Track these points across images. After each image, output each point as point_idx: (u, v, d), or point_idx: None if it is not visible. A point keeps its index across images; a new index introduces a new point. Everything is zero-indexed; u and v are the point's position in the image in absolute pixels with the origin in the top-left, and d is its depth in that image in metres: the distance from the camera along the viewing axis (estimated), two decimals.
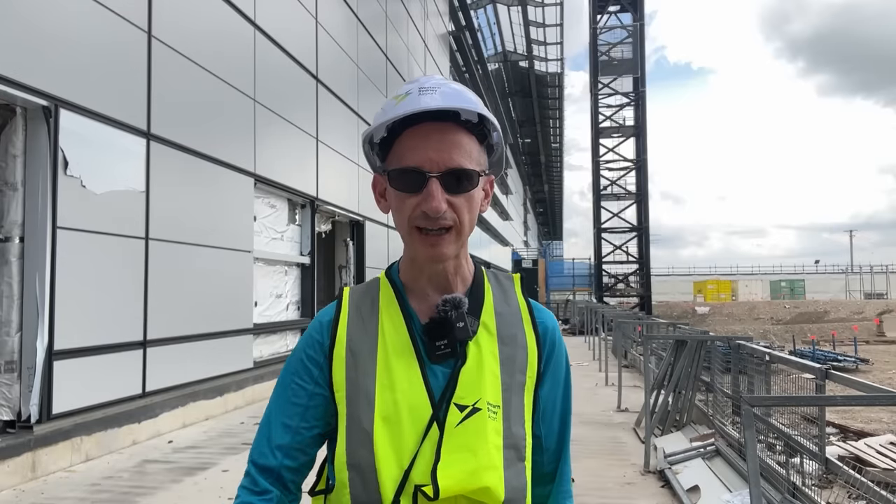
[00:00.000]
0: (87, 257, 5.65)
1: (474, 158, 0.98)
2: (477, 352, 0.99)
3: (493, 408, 0.96)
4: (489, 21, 33.03)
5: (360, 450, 0.94)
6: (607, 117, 34.01)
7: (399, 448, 0.93)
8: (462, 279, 1.05)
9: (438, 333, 0.98)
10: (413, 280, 1.05)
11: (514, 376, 1.00)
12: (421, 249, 0.98)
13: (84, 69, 5.68)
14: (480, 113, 0.96)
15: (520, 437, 0.98)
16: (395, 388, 0.96)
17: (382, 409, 0.95)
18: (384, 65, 15.44)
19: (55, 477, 5.05)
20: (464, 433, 0.94)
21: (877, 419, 9.31)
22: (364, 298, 1.06)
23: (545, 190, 69.66)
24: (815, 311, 40.55)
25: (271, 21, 9.34)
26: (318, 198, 10.92)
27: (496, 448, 0.94)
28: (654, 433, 5.97)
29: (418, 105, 0.93)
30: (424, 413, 0.95)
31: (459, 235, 0.98)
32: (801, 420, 4.36)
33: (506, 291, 1.08)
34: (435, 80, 0.98)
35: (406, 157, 0.96)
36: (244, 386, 8.23)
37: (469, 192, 0.97)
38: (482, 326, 1.02)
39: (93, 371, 5.68)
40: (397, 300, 1.04)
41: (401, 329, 1.01)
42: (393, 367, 0.98)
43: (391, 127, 0.97)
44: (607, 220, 33.69)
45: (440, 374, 0.98)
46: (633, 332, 12.63)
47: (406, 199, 0.97)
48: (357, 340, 1.01)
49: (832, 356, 18.34)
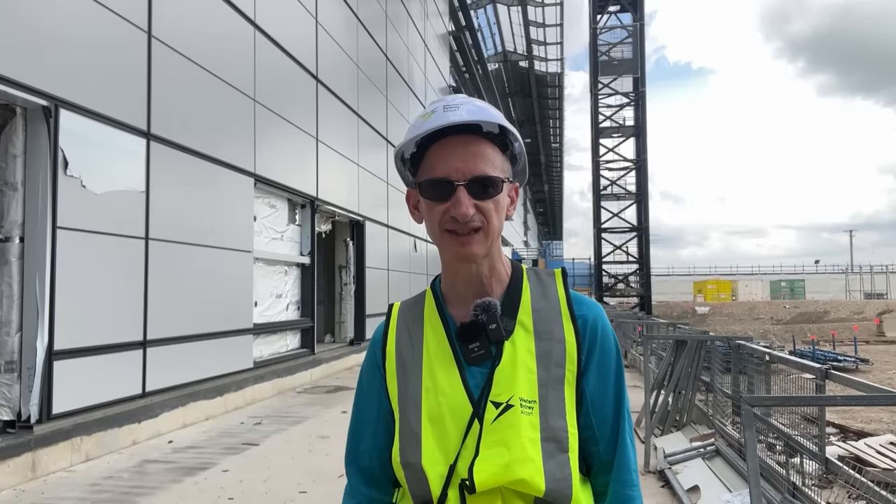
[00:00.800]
0: (88, 257, 5.65)
1: (498, 166, 1.05)
2: (512, 350, 1.05)
3: (527, 403, 1.01)
4: (489, 21, 33.05)
5: (410, 449, 1.03)
6: (607, 117, 34.00)
7: (444, 445, 1.01)
8: (498, 280, 1.11)
9: (471, 336, 1.05)
10: (451, 287, 1.13)
11: (551, 371, 1.04)
12: (452, 249, 1.05)
13: (84, 69, 5.68)
14: (501, 124, 1.03)
15: (560, 430, 1.02)
16: (437, 390, 1.05)
17: (428, 410, 1.04)
18: (384, 65, 15.45)
19: (55, 477, 5.05)
20: (499, 429, 1.00)
21: (877, 419, 9.31)
22: (411, 311, 1.16)
23: (545, 190, 69.68)
24: (815, 311, 40.54)
25: (271, 21, 9.34)
26: (318, 198, 10.92)
27: (531, 441, 0.99)
28: (654, 433, 5.97)
29: (444, 120, 1.01)
30: (465, 411, 1.02)
31: (488, 236, 1.05)
32: (801, 420, 4.36)
33: (546, 287, 1.13)
34: (459, 99, 1.05)
35: (435, 169, 1.04)
36: (244, 386, 8.23)
37: (494, 197, 1.04)
38: (519, 325, 1.07)
39: (93, 371, 5.68)
40: (437, 309, 1.12)
41: (441, 336, 1.09)
42: (436, 372, 1.06)
43: (420, 142, 1.05)
44: (607, 220, 33.69)
45: (478, 375, 1.04)
46: (633, 332, 12.64)
47: (436, 206, 1.04)
48: (405, 352, 1.11)
49: (832, 356, 18.32)
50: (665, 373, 6.70)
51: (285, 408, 8.12)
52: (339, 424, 6.97)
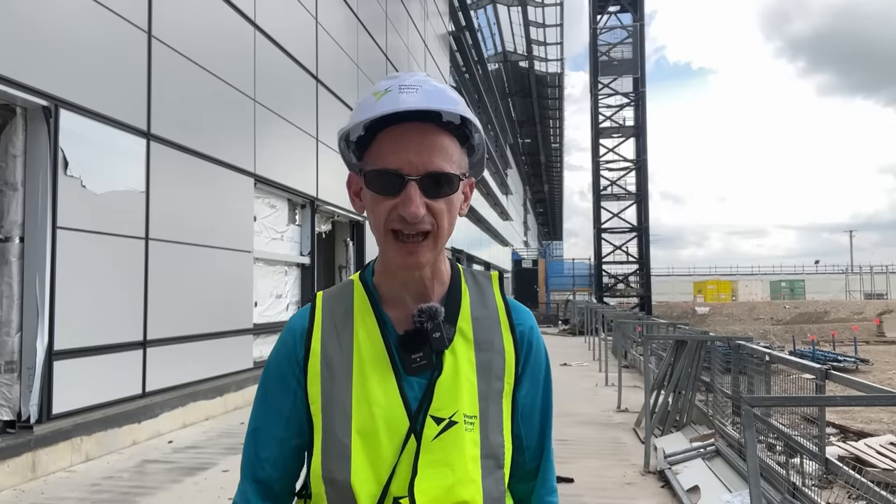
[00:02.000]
0: (87, 257, 5.65)
1: (455, 161, 0.94)
2: (453, 360, 0.97)
3: (469, 419, 0.95)
4: (489, 21, 33.05)
5: (336, 464, 0.92)
6: (607, 117, 34.01)
7: (376, 462, 0.92)
8: (440, 282, 1.02)
9: (414, 345, 0.96)
10: (388, 285, 1.02)
11: (492, 384, 0.98)
12: (397, 257, 0.94)
13: (84, 69, 5.68)
14: (462, 114, 0.92)
15: (498, 446, 0.97)
16: (371, 400, 0.94)
17: (359, 422, 0.93)
18: (384, 65, 15.45)
19: (55, 477, 5.05)
20: (441, 447, 0.92)
21: (877, 419, 9.31)
22: (338, 305, 1.03)
23: (545, 190, 69.70)
24: (815, 312, 40.54)
25: (271, 21, 9.34)
26: (318, 198, 10.92)
27: (473, 460, 0.93)
28: (654, 433, 5.97)
29: (398, 104, 0.89)
30: (402, 426, 0.93)
31: (437, 241, 0.95)
32: (801, 420, 4.36)
33: (483, 292, 1.05)
34: (416, 78, 0.94)
35: (384, 159, 0.92)
36: (244, 386, 8.23)
37: (448, 196, 0.94)
38: (458, 333, 0.99)
39: (93, 371, 5.68)
40: (372, 308, 1.01)
41: (376, 339, 0.98)
42: (369, 380, 0.95)
43: (369, 125, 0.93)
44: (607, 220, 33.69)
45: (416, 386, 0.96)
46: (633, 332, 12.63)
47: (383, 201, 0.93)
48: (332, 352, 0.98)
49: (832, 356, 18.32)
50: (665, 373, 6.70)
51: None
52: None
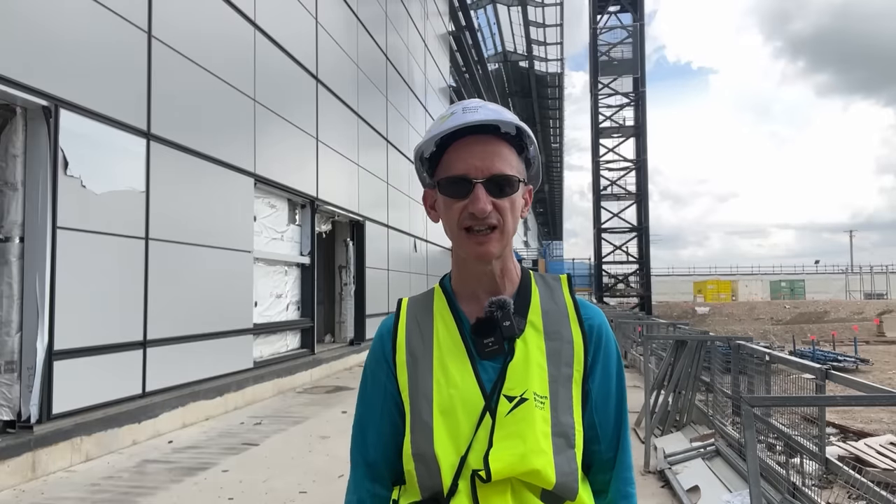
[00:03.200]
0: (87, 257, 5.65)
1: (514, 167, 1.08)
2: (524, 347, 1.07)
3: (539, 398, 1.04)
4: (489, 21, 33.08)
5: (422, 440, 1.04)
6: (607, 117, 34.02)
7: (456, 437, 1.03)
8: (509, 281, 1.14)
9: (486, 332, 1.07)
10: (463, 285, 1.15)
11: (561, 369, 1.08)
12: (469, 248, 1.07)
13: (84, 69, 5.68)
14: (518, 125, 1.06)
15: (568, 426, 1.05)
16: (449, 383, 1.06)
17: (440, 402, 1.05)
18: (384, 65, 15.44)
19: (55, 477, 5.05)
20: (513, 421, 1.02)
21: (877, 419, 9.31)
22: (420, 307, 1.17)
23: (545, 190, 69.64)
24: (815, 312, 40.53)
25: (271, 21, 9.34)
26: (318, 198, 10.92)
27: (544, 435, 1.02)
28: (654, 433, 5.97)
29: (463, 120, 1.04)
30: (477, 404, 1.04)
31: (503, 235, 1.07)
32: (801, 420, 4.37)
33: (553, 291, 1.16)
34: (476, 102, 1.09)
35: (454, 167, 1.06)
36: (244, 386, 8.23)
37: (511, 196, 1.07)
38: (529, 324, 1.10)
39: (93, 371, 5.68)
40: (449, 305, 1.14)
41: (453, 331, 1.11)
42: (447, 365, 1.08)
43: (439, 142, 1.08)
44: (607, 220, 33.71)
45: (490, 369, 1.07)
46: (633, 332, 12.64)
47: (454, 204, 1.07)
48: (415, 345, 1.12)
49: (832, 356, 18.33)
50: (665, 373, 6.70)
51: (285, 408, 8.12)
52: (339, 424, 6.97)
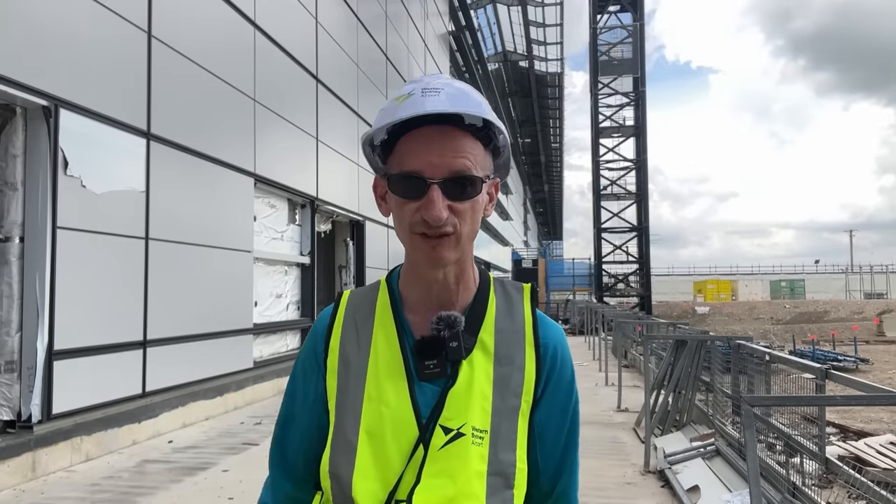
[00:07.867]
0: (87, 257, 5.65)
1: (478, 163, 0.93)
2: (469, 372, 0.96)
3: (478, 433, 0.93)
4: (489, 21, 33.04)
5: (342, 460, 0.93)
6: (607, 117, 34.00)
7: (383, 464, 0.92)
8: (465, 288, 1.01)
9: (429, 353, 0.95)
10: (412, 289, 1.02)
11: (507, 400, 0.96)
12: (421, 253, 0.94)
13: (84, 69, 5.68)
14: (485, 118, 0.91)
15: (508, 464, 0.94)
16: (381, 401, 0.94)
17: (368, 422, 0.94)
18: (384, 65, 15.44)
19: (55, 477, 5.05)
20: (446, 457, 0.91)
21: (877, 419, 9.31)
22: (363, 304, 1.04)
23: (545, 190, 69.66)
24: (815, 311, 40.54)
25: (271, 21, 9.34)
26: (318, 198, 10.92)
27: (478, 475, 0.91)
28: (654, 433, 5.97)
29: (420, 108, 0.88)
30: (410, 431, 0.92)
31: (460, 241, 0.94)
32: (801, 420, 4.36)
33: (512, 304, 1.03)
34: (439, 81, 0.94)
35: (407, 162, 0.92)
36: (244, 386, 8.23)
37: (472, 198, 0.93)
38: (479, 344, 0.98)
39: (93, 371, 5.68)
40: (392, 311, 1.01)
41: (393, 343, 0.98)
42: (382, 381, 0.96)
43: (392, 129, 0.92)
44: (607, 220, 33.67)
45: (429, 392, 0.95)
46: (633, 332, 12.63)
47: (406, 204, 0.92)
48: (349, 350, 1.00)
49: (832, 356, 18.33)
50: (665, 373, 6.70)
51: None
52: None
